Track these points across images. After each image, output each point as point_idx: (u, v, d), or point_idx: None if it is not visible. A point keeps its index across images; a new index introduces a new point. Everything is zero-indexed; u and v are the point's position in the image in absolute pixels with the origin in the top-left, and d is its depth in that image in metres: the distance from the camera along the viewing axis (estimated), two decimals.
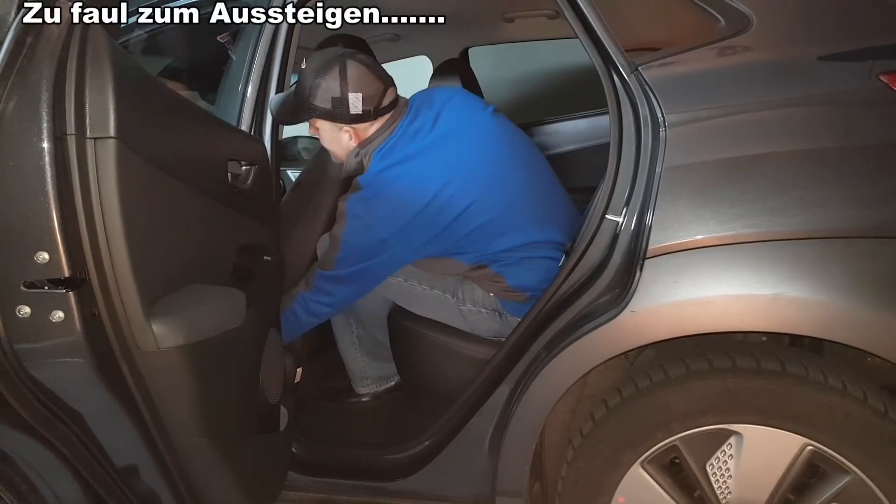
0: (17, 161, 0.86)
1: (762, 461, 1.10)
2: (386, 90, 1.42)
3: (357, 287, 1.50)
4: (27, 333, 0.91)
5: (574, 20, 1.17)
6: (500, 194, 1.39)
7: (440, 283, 1.52)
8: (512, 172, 1.43)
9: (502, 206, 1.39)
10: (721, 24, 1.12)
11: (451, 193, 1.35)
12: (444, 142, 1.39)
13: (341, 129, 1.42)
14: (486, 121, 1.48)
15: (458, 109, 1.46)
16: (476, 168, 1.39)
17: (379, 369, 1.80)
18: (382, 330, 1.72)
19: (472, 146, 1.41)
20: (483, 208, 1.37)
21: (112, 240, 0.90)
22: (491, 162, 1.41)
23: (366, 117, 1.40)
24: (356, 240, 1.39)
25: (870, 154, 1.03)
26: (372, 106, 1.39)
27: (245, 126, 1.39)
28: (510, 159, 1.45)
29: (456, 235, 1.39)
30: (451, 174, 1.36)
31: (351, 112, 1.38)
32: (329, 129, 1.45)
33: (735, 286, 1.03)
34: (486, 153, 1.42)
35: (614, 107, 1.15)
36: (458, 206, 1.36)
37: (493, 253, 1.42)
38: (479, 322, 1.50)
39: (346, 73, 1.36)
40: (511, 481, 1.29)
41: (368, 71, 1.39)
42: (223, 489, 1.15)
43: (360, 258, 1.41)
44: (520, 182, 1.43)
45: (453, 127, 1.41)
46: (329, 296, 1.48)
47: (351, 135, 1.43)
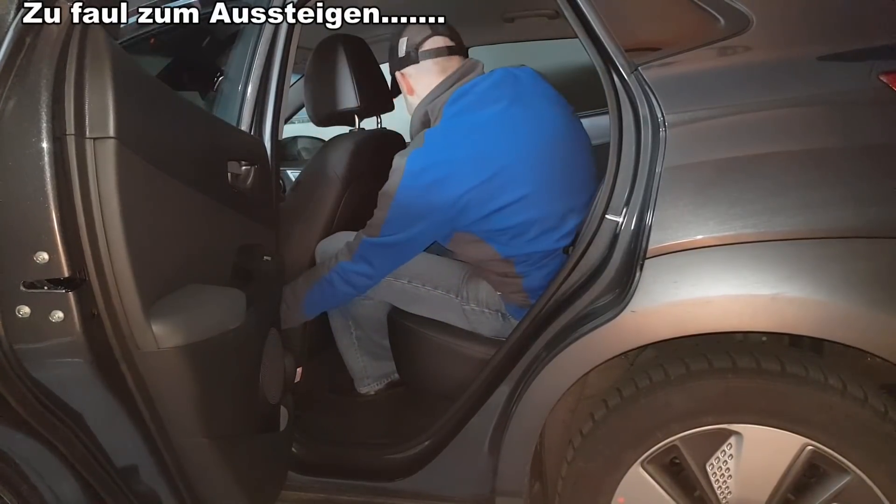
0: (16, 161, 0.86)
1: (762, 461, 1.10)
2: (433, 35, 1.47)
3: (397, 257, 1.46)
4: (27, 333, 0.91)
5: (574, 20, 1.17)
6: (553, 196, 1.36)
7: (444, 283, 1.51)
8: (567, 179, 1.40)
9: (551, 207, 1.36)
10: (721, 24, 1.12)
11: (508, 179, 1.31)
12: (522, 122, 1.35)
13: (400, 77, 1.48)
14: (561, 116, 1.45)
15: (541, 95, 1.44)
16: (537, 162, 1.34)
17: (379, 368, 1.80)
18: (381, 332, 1.72)
19: (540, 140, 1.36)
20: (535, 203, 1.33)
21: (112, 240, 0.90)
22: (551, 161, 1.37)
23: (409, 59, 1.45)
24: (408, 200, 1.33)
25: (870, 154, 1.03)
26: (413, 46, 1.45)
27: (245, 126, 1.39)
28: (568, 162, 1.41)
29: (503, 223, 1.35)
30: (515, 159, 1.31)
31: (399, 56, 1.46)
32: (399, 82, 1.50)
33: (735, 286, 1.03)
34: (551, 153, 1.37)
35: (614, 107, 1.15)
36: (512, 195, 1.32)
37: (526, 253, 1.39)
38: (481, 322, 1.50)
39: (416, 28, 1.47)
40: (511, 481, 1.29)
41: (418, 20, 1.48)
42: (223, 489, 1.15)
43: (407, 221, 1.36)
44: (570, 189, 1.40)
45: (527, 114, 1.37)
46: (370, 265, 1.43)
47: (405, 85, 1.47)
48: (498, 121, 1.34)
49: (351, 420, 1.76)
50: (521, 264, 1.41)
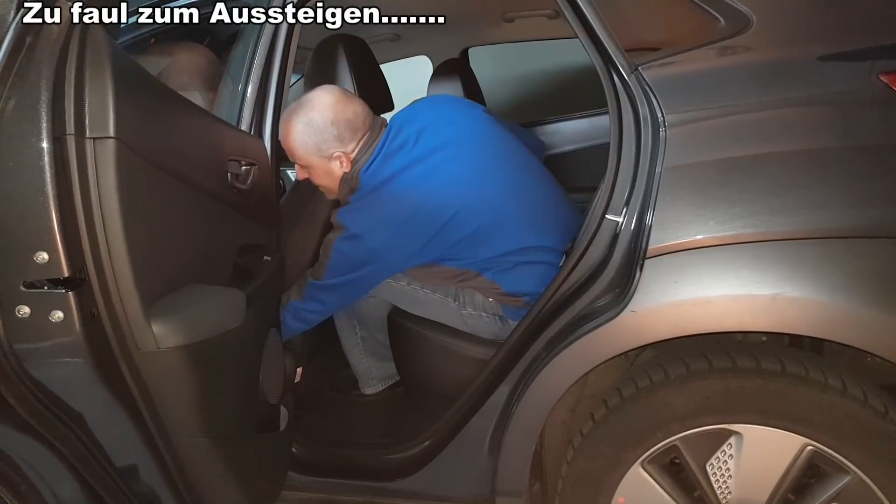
0: (16, 161, 0.86)
1: (762, 461, 1.10)
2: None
3: (347, 295, 1.52)
4: (27, 333, 0.91)
5: (574, 20, 1.17)
6: (489, 201, 1.39)
7: (442, 287, 1.52)
8: (500, 179, 1.42)
9: (491, 212, 1.39)
10: (721, 24, 1.12)
11: (438, 202, 1.36)
12: (430, 154, 1.40)
13: (331, 158, 1.44)
14: (475, 127, 1.48)
15: (443, 120, 1.47)
16: (463, 176, 1.39)
17: (384, 369, 1.81)
18: (385, 332, 1.72)
19: (459, 155, 1.41)
20: (472, 215, 1.37)
21: (112, 240, 0.90)
22: (478, 169, 1.41)
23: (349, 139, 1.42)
24: (347, 248, 1.40)
25: (870, 154, 1.03)
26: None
27: (245, 126, 1.39)
28: (498, 165, 1.44)
29: (446, 243, 1.40)
30: (438, 184, 1.37)
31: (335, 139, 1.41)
32: (320, 164, 1.47)
33: (735, 286, 1.03)
34: (473, 161, 1.42)
35: (614, 107, 1.15)
36: (446, 215, 1.36)
37: (484, 259, 1.42)
38: (479, 325, 1.50)
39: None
40: (511, 481, 1.29)
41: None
42: (223, 489, 1.15)
43: (350, 267, 1.42)
44: (509, 188, 1.43)
45: (438, 139, 1.42)
46: (320, 304, 1.49)
47: (342, 160, 1.44)
48: (407, 162, 1.39)
49: (351, 420, 1.76)
50: (487, 271, 1.44)
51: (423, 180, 1.38)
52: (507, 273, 1.42)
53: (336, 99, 1.43)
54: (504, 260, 1.42)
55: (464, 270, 1.46)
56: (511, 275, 1.42)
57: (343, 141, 1.42)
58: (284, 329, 1.53)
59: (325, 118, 1.41)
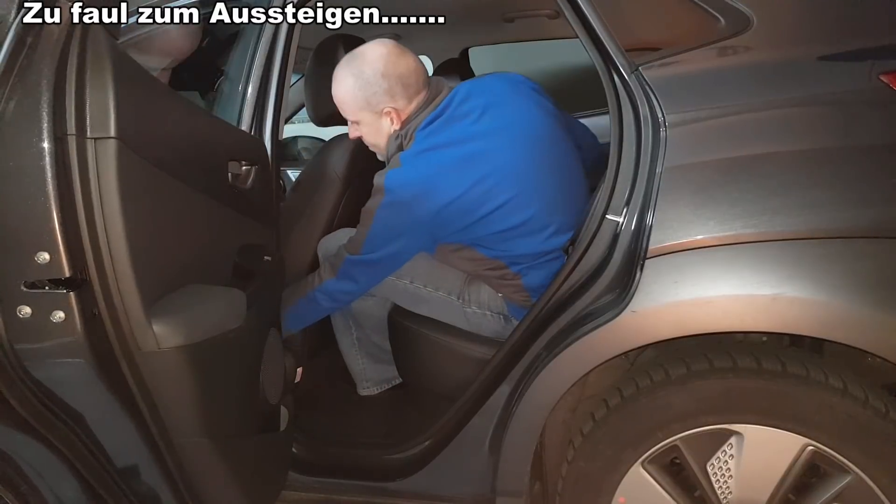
0: (17, 161, 0.86)
1: (763, 461, 1.10)
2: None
3: (381, 272, 1.47)
4: (28, 333, 0.91)
5: (574, 20, 1.17)
6: (537, 196, 1.36)
7: (445, 284, 1.51)
8: (552, 177, 1.39)
9: (537, 208, 1.35)
10: (721, 24, 1.12)
11: (490, 186, 1.32)
12: (490, 134, 1.35)
13: (381, 113, 1.40)
14: (538, 117, 1.43)
15: (511, 102, 1.42)
16: (517, 166, 1.34)
17: (380, 372, 1.80)
18: (381, 333, 1.71)
19: (517, 144, 1.36)
20: (519, 208, 1.34)
21: (112, 240, 0.90)
22: (536, 162, 1.37)
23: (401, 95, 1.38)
24: (389, 217, 1.35)
25: (870, 154, 1.03)
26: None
27: (245, 126, 1.39)
28: (552, 164, 1.41)
29: (487, 230, 1.36)
30: (493, 167, 1.32)
31: (385, 93, 1.37)
32: (370, 120, 1.42)
33: (735, 286, 1.03)
34: (529, 153, 1.37)
35: (614, 107, 1.15)
36: (495, 202, 1.32)
37: (519, 255, 1.39)
38: (482, 324, 1.50)
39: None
40: (511, 481, 1.29)
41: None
42: (223, 489, 1.15)
43: (389, 237, 1.37)
44: (558, 188, 1.40)
45: (501, 121, 1.37)
46: (354, 282, 1.45)
47: (393, 117, 1.41)
48: (469, 134, 1.35)
49: (351, 420, 1.76)
50: (514, 265, 1.41)
51: (483, 157, 1.32)
52: (533, 270, 1.40)
53: (389, 51, 1.37)
54: (537, 258, 1.39)
55: (493, 260, 1.42)
56: (537, 271, 1.40)
57: (394, 96, 1.37)
58: (316, 311, 1.51)
59: (376, 70, 1.35)
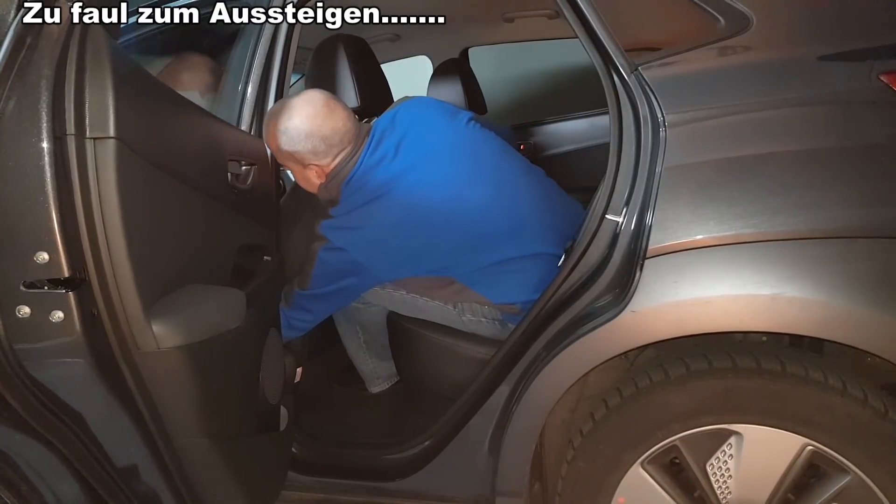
0: (16, 161, 0.86)
1: (762, 461, 1.10)
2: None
3: (334, 304, 1.53)
4: (27, 333, 0.91)
5: (574, 20, 1.17)
6: (471, 213, 1.38)
7: (440, 294, 1.51)
8: (482, 190, 1.40)
9: (473, 224, 1.38)
10: (721, 24, 1.12)
11: (420, 217, 1.36)
12: (410, 169, 1.38)
13: (306, 166, 1.42)
14: (456, 135, 1.45)
15: (423, 130, 1.44)
16: (443, 190, 1.38)
17: (388, 368, 1.83)
18: (387, 335, 1.72)
19: (439, 167, 1.39)
20: (454, 228, 1.37)
21: (112, 240, 0.90)
22: (459, 180, 1.39)
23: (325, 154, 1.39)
24: (331, 259, 1.41)
25: (870, 154, 1.03)
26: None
27: (245, 126, 1.39)
28: (480, 176, 1.42)
29: (430, 256, 1.41)
30: (418, 199, 1.36)
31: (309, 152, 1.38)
32: (298, 170, 1.46)
33: (735, 286, 1.03)
34: (454, 172, 1.40)
35: (614, 107, 1.15)
36: (428, 230, 1.37)
37: (469, 272, 1.43)
38: (479, 330, 1.50)
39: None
40: (511, 481, 1.29)
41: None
42: (223, 489, 1.15)
43: (335, 277, 1.43)
44: (492, 199, 1.40)
45: (418, 151, 1.40)
46: (308, 313, 1.50)
47: (318, 171, 1.43)
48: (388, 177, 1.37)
49: (351, 420, 1.76)
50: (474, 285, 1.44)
51: (404, 195, 1.36)
52: (494, 284, 1.42)
53: (316, 112, 1.36)
54: (490, 271, 1.41)
55: (451, 281, 1.47)
56: (498, 286, 1.42)
57: (317, 154, 1.38)
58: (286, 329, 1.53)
59: (302, 130, 1.35)
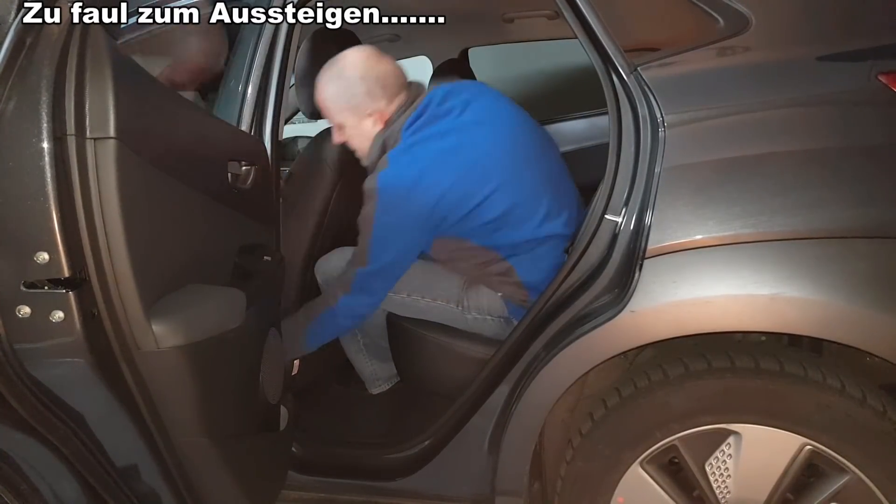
0: (17, 161, 0.86)
1: (761, 461, 1.11)
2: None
3: (391, 279, 1.47)
4: (27, 333, 0.91)
5: (573, 20, 1.17)
6: (522, 185, 1.39)
7: (443, 293, 1.51)
8: (534, 165, 1.43)
9: (522, 196, 1.38)
10: (720, 24, 1.12)
11: (482, 173, 1.35)
12: (477, 125, 1.39)
13: (363, 115, 1.43)
14: (512, 113, 1.48)
15: (488, 99, 1.47)
16: (505, 154, 1.39)
17: (388, 369, 1.82)
18: (386, 336, 1.72)
19: (499, 135, 1.41)
20: (505, 196, 1.36)
21: (112, 240, 0.90)
22: (519, 151, 1.41)
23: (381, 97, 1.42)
24: (387, 218, 1.36)
25: (870, 154, 1.03)
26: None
27: (245, 126, 1.39)
28: (534, 152, 1.45)
29: (479, 220, 1.38)
30: (483, 155, 1.36)
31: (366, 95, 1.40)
32: (353, 122, 1.45)
33: (734, 286, 1.03)
34: (512, 144, 1.42)
35: (613, 107, 1.16)
36: (488, 187, 1.35)
37: (511, 244, 1.41)
38: (483, 329, 1.50)
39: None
40: (510, 481, 1.29)
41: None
42: (223, 489, 1.15)
43: (391, 239, 1.38)
44: (539, 175, 1.43)
45: (481, 115, 1.42)
46: (369, 294, 1.45)
47: (375, 119, 1.44)
48: (454, 127, 1.39)
49: (351, 420, 1.76)
50: (511, 256, 1.42)
51: (470, 148, 1.36)
52: (525, 261, 1.41)
53: (367, 55, 1.42)
54: (528, 245, 1.41)
55: (489, 251, 1.43)
56: (528, 263, 1.41)
57: (374, 97, 1.41)
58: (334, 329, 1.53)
59: (355, 73, 1.40)
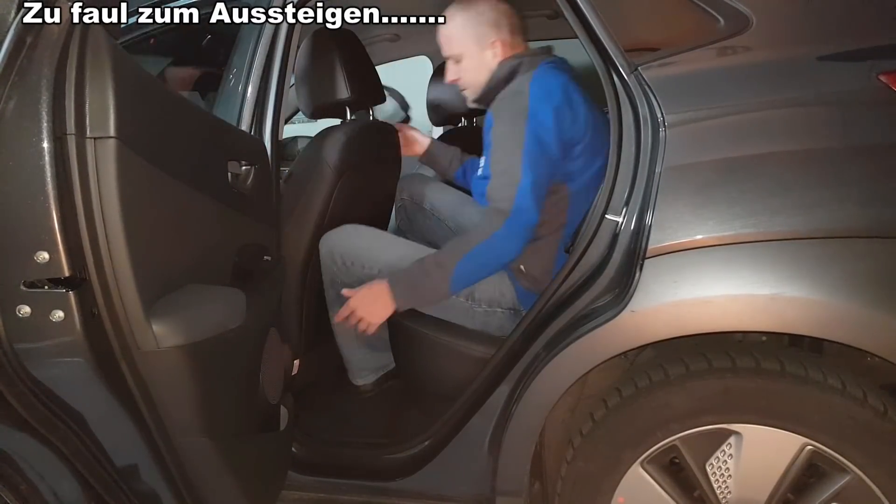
0: (17, 161, 0.86)
1: (762, 461, 1.10)
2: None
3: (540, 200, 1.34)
4: (27, 333, 0.91)
5: (574, 20, 1.18)
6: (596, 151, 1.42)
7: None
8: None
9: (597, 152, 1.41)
10: (720, 24, 1.12)
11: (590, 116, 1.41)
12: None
13: (486, 45, 1.49)
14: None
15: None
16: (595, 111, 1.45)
17: (377, 360, 1.80)
18: (382, 326, 1.71)
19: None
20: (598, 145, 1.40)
21: (112, 239, 0.90)
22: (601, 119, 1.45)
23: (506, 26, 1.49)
24: (539, 125, 1.32)
25: (870, 154, 1.03)
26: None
27: (245, 126, 1.39)
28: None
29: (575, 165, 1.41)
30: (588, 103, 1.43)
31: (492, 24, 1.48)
32: (473, 52, 1.50)
33: (734, 286, 1.03)
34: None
35: (614, 107, 1.16)
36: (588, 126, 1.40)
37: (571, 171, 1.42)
38: (491, 322, 1.49)
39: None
40: (511, 481, 1.29)
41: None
42: (223, 489, 1.15)
43: (541, 151, 1.31)
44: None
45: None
46: (527, 214, 1.31)
47: (497, 49, 1.49)
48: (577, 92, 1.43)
49: (351, 420, 1.76)
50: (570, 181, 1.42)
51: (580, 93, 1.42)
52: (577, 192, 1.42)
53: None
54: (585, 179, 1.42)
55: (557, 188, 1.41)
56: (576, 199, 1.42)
57: (500, 28, 1.49)
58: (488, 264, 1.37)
59: (485, 5, 1.49)
